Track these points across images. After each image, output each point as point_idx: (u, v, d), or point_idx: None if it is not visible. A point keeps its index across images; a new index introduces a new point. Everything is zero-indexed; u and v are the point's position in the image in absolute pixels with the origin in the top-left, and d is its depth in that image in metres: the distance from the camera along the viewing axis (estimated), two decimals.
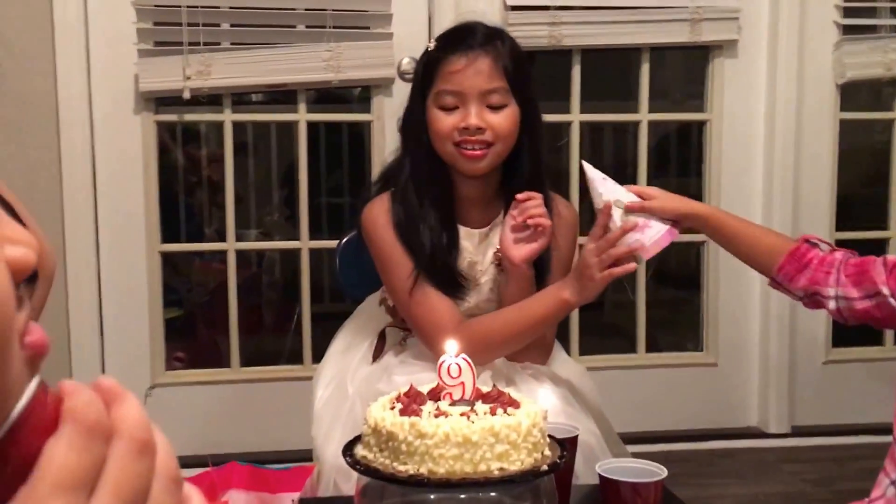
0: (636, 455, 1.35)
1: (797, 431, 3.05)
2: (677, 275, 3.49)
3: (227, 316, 2.89)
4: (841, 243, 2.91)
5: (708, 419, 3.07)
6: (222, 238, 2.90)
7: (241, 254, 3.03)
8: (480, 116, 1.68)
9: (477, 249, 1.80)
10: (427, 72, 1.74)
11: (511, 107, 1.71)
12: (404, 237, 1.75)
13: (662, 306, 3.35)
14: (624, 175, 3.18)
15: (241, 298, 2.95)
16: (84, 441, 0.35)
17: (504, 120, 1.70)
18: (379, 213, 1.78)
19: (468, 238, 1.80)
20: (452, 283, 1.76)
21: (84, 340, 2.74)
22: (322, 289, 3.16)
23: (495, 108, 1.70)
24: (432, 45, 1.76)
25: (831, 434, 3.03)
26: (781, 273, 1.59)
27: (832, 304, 1.54)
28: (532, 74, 1.81)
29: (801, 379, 3.06)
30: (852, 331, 3.07)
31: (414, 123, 1.77)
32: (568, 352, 2.91)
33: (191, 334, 3.34)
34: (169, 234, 2.91)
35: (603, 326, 3.72)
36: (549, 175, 1.87)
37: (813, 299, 1.58)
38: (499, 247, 1.77)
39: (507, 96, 1.70)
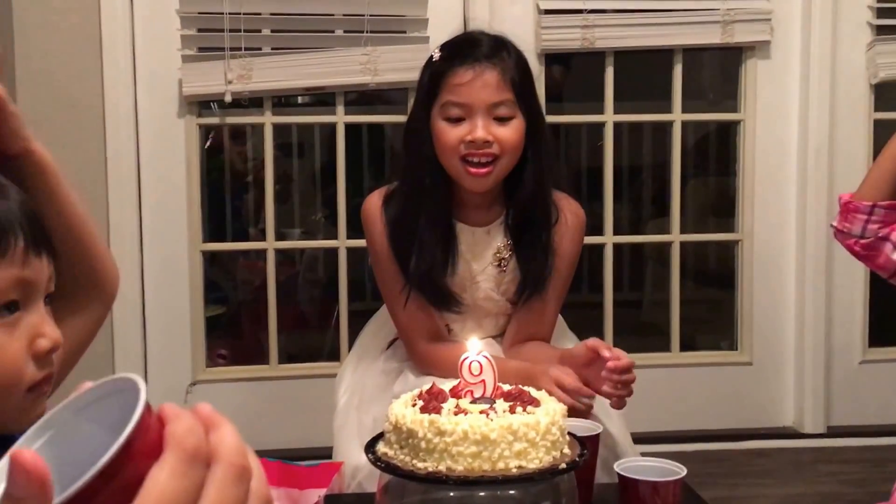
0: (671, 455, 1.36)
1: (833, 432, 3.02)
2: (713, 273, 3.48)
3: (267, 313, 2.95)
4: None
5: (743, 419, 3.05)
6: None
7: (285, 253, 3.07)
8: (487, 129, 1.67)
9: (475, 248, 1.80)
10: (432, 82, 1.72)
11: (518, 118, 1.69)
12: (397, 250, 1.76)
13: (698, 305, 3.34)
14: (661, 173, 3.19)
15: (285, 296, 2.98)
16: (184, 467, 0.39)
17: (511, 132, 1.68)
18: (374, 214, 1.79)
19: (466, 235, 1.79)
20: (443, 298, 1.76)
21: (127, 337, 2.80)
22: (364, 286, 3.21)
23: (502, 121, 1.68)
24: (437, 55, 1.74)
25: (868, 435, 3.00)
26: (885, 208, 1.66)
27: (890, 248, 1.61)
28: (535, 84, 1.79)
29: (837, 379, 3.03)
30: (889, 331, 3.08)
31: (417, 132, 1.75)
32: None
33: (235, 331, 3.39)
34: (216, 233, 2.95)
35: (639, 325, 3.73)
36: (580, 175, 1.88)
37: (875, 242, 1.65)
38: (499, 254, 1.80)
39: (514, 108, 1.69)
